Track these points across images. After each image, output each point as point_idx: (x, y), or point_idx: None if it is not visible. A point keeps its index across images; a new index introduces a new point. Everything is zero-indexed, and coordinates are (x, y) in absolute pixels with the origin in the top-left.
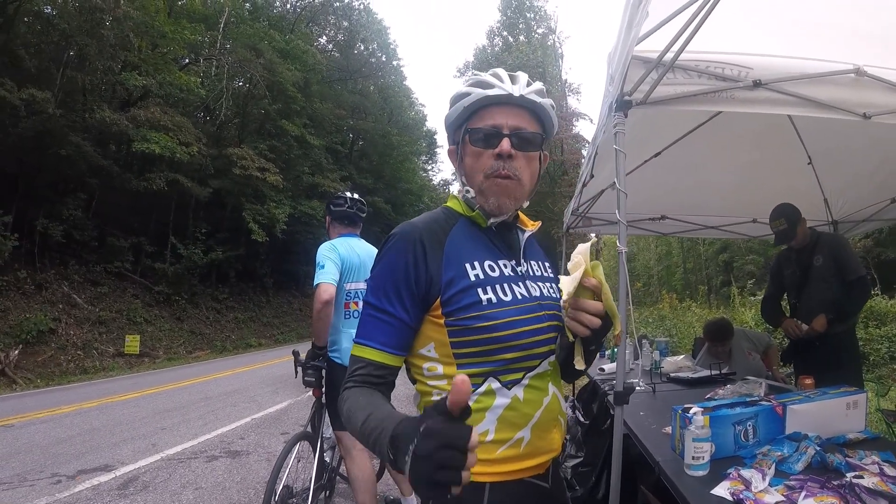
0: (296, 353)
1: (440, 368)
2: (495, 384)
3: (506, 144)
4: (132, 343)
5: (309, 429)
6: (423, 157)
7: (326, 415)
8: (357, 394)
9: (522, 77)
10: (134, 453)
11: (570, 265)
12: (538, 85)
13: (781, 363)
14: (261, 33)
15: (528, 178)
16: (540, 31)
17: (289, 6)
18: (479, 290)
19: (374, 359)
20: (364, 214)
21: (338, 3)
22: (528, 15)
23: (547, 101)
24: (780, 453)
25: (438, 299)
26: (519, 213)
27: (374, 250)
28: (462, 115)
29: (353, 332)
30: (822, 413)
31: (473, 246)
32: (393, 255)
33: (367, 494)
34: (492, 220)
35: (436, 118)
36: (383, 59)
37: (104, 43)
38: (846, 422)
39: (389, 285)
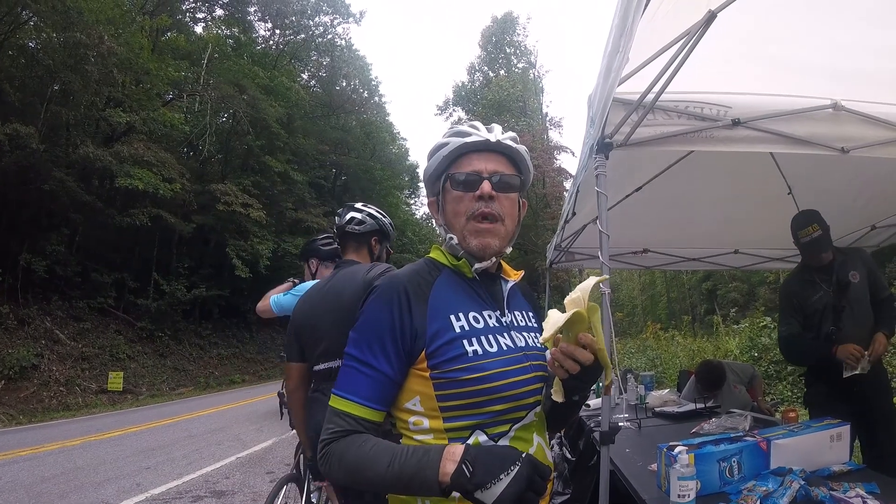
0: (281, 395)
1: (426, 422)
2: (482, 437)
3: (486, 186)
4: (116, 380)
5: (295, 470)
6: (406, 192)
7: None
8: (353, 444)
9: (497, 127)
10: (118, 493)
11: (567, 299)
12: (512, 133)
13: (805, 408)
14: (244, 69)
15: (510, 221)
16: (520, 65)
17: (271, 43)
18: (465, 342)
19: (356, 413)
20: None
21: (320, 39)
22: (508, 50)
23: (522, 148)
24: (765, 488)
25: (423, 352)
26: (502, 262)
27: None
28: (441, 165)
29: None
30: (807, 447)
31: (458, 297)
32: (376, 307)
33: None
34: (476, 266)
35: (418, 153)
36: (365, 94)
37: (88, 78)
38: (830, 454)
39: (373, 338)
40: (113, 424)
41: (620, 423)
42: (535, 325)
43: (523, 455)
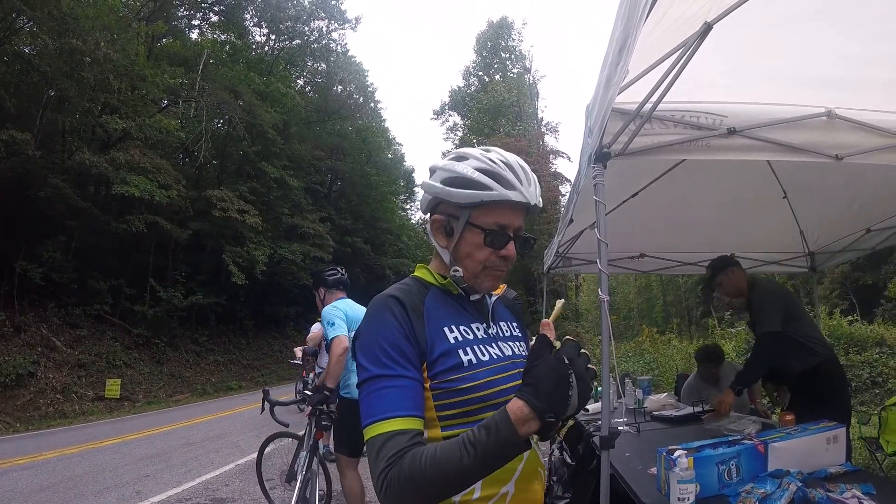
0: (266, 392)
1: (425, 433)
2: None
3: (512, 249)
4: (113, 387)
5: (315, 467)
6: (402, 197)
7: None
8: (416, 458)
9: (531, 174)
10: (119, 501)
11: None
12: (537, 183)
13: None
14: (240, 75)
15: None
16: (515, 70)
17: (267, 48)
18: (460, 352)
19: (406, 427)
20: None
21: (315, 45)
22: (504, 55)
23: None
24: (763, 490)
25: (425, 362)
26: None
27: (362, 309)
28: (473, 203)
29: None
30: (804, 449)
31: (448, 311)
32: (382, 320)
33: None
34: (475, 297)
35: (413, 157)
36: (361, 100)
37: (84, 85)
38: (827, 456)
39: (390, 348)
40: (111, 432)
41: (620, 428)
42: (520, 335)
43: (565, 360)
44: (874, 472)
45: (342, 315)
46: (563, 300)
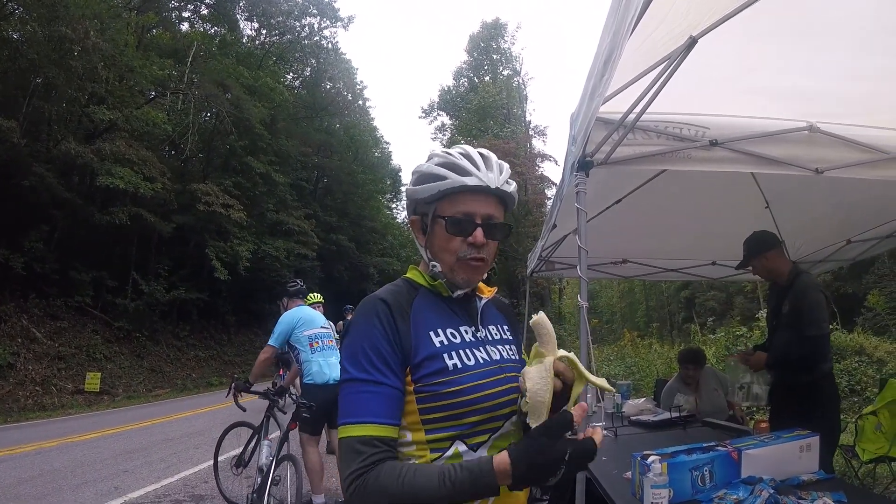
0: (234, 378)
1: (409, 436)
2: (462, 447)
3: (480, 235)
4: (93, 380)
5: (287, 450)
6: (388, 196)
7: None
8: (394, 472)
9: (493, 161)
10: (96, 497)
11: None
12: (507, 171)
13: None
14: (229, 69)
15: (492, 257)
16: (505, 72)
17: (257, 43)
18: (445, 356)
19: (381, 434)
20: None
21: (306, 42)
22: (495, 56)
23: (513, 186)
24: (735, 497)
25: (409, 366)
26: None
27: (317, 312)
28: (434, 196)
29: (321, 360)
30: (777, 456)
31: (435, 314)
32: (367, 325)
33: (318, 477)
34: (458, 293)
35: (401, 156)
36: (349, 98)
37: (72, 73)
38: (800, 464)
39: (373, 354)
40: (90, 426)
41: None
42: (510, 337)
43: (567, 453)
44: (849, 480)
45: (288, 325)
46: (613, 390)
